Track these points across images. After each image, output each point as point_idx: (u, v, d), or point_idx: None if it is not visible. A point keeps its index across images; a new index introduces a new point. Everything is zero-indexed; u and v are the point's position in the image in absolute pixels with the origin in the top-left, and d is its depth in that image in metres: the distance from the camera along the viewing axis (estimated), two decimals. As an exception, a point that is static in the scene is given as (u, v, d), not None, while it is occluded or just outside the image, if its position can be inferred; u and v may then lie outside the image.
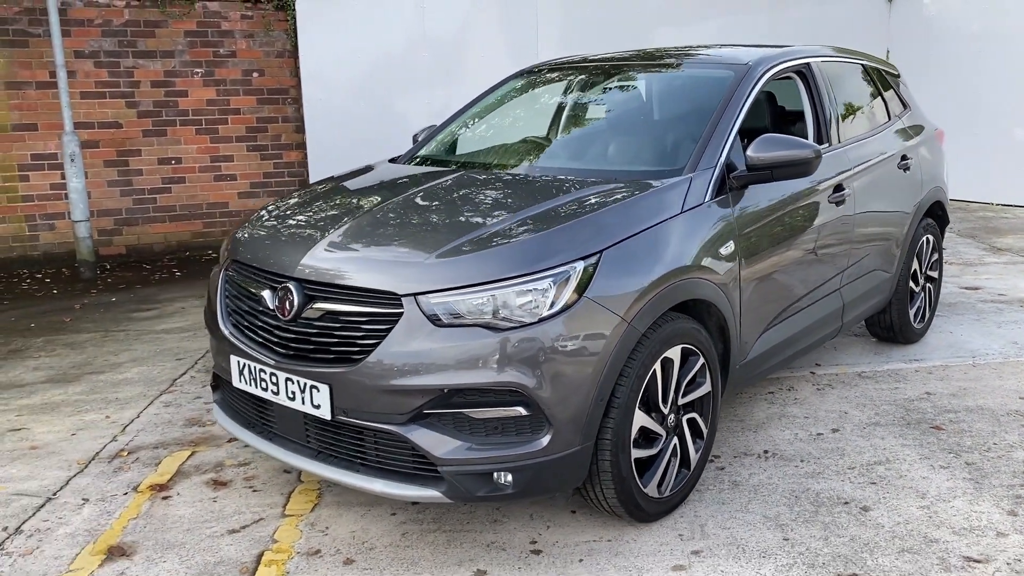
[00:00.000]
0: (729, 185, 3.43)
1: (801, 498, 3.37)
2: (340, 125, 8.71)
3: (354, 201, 3.67)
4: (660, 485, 3.14)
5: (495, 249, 2.87)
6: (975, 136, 9.87)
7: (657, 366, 3.03)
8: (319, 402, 2.88)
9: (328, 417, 2.87)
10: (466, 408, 2.75)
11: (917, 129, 5.14)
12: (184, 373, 4.96)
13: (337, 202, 3.68)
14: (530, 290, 2.75)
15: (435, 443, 2.75)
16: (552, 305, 2.75)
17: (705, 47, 4.54)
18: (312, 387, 2.89)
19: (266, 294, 3.09)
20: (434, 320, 2.74)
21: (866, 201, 4.34)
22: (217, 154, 8.51)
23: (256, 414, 3.25)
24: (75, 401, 4.56)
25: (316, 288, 2.95)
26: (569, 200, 3.20)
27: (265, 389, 3.06)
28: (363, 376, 2.78)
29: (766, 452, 3.78)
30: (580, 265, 2.82)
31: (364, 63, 8.77)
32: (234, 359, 3.16)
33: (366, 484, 2.88)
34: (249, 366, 3.10)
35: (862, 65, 4.90)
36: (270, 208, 3.74)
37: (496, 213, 3.22)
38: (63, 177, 7.68)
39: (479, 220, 3.14)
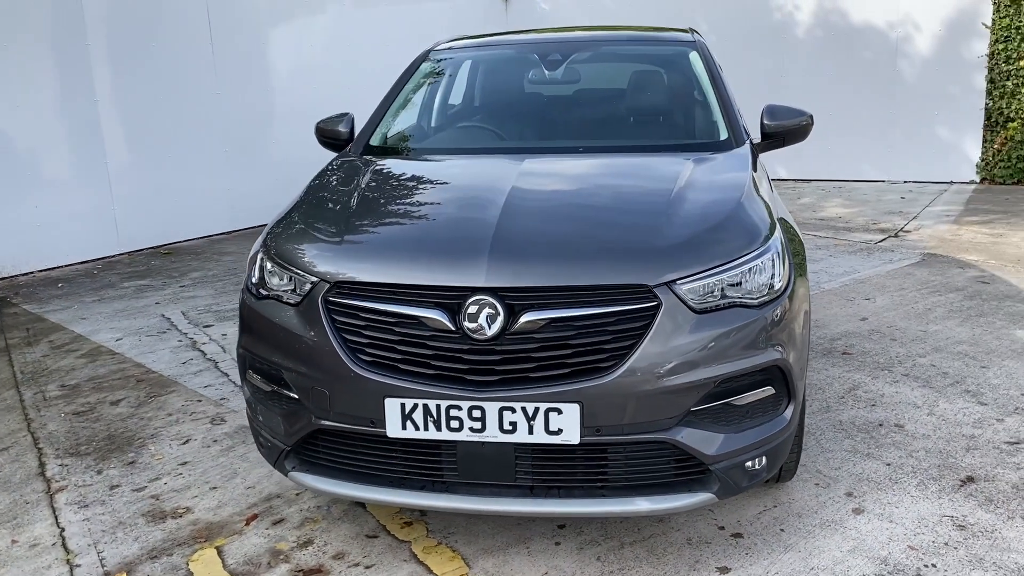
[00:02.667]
0: (755, 153, 3.61)
1: (849, 430, 3.72)
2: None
3: (455, 196, 3.17)
4: (791, 443, 3.25)
5: (722, 226, 2.71)
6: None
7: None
8: (560, 426, 2.44)
9: (575, 441, 2.45)
10: (729, 397, 2.56)
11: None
12: (44, 464, 3.63)
13: (429, 199, 3.16)
14: (765, 262, 2.65)
15: (703, 441, 2.53)
16: (779, 275, 2.68)
17: (612, 28, 4.60)
18: (550, 411, 2.43)
19: (434, 315, 2.49)
20: (691, 308, 2.50)
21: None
22: None
23: (409, 467, 2.60)
24: (-79, 536, 3.09)
25: (523, 295, 2.47)
26: (690, 175, 3.08)
27: (458, 428, 2.47)
28: (625, 384, 2.43)
29: (767, 400, 4.06)
30: (777, 232, 2.79)
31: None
32: (393, 403, 2.49)
33: (625, 507, 2.52)
34: (426, 406, 2.47)
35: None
36: (319, 215, 2.95)
37: (643, 190, 3.02)
38: None
39: (643, 198, 2.91)
